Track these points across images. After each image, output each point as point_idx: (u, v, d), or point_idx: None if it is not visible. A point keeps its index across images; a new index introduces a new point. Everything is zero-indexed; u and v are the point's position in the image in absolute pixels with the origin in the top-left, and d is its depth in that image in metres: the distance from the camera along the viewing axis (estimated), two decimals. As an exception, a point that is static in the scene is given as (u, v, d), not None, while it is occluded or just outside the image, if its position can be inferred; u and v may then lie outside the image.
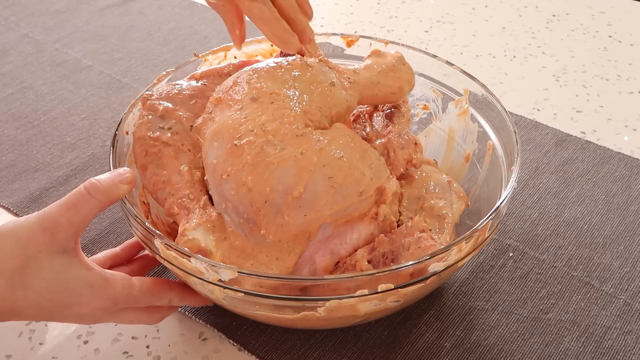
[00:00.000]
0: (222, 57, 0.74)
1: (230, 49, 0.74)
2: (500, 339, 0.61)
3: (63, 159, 0.81)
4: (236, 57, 0.74)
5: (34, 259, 0.51)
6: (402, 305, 0.57)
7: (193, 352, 0.60)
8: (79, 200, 0.53)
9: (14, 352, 0.60)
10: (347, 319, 0.56)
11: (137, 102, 0.66)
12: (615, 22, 1.08)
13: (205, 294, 0.56)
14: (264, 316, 0.56)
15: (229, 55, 0.74)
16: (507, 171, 0.62)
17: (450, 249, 0.53)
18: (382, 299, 0.53)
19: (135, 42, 1.03)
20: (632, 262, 0.68)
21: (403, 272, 0.51)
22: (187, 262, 0.52)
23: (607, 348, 0.60)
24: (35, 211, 0.73)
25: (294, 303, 0.53)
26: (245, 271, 0.52)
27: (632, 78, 0.95)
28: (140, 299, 0.56)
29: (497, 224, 0.58)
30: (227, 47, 0.74)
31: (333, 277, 0.54)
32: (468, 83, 0.69)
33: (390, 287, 0.51)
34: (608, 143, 0.83)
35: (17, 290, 0.51)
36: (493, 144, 0.66)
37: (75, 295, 0.53)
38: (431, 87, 0.72)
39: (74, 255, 0.53)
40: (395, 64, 0.65)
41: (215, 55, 0.73)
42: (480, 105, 0.69)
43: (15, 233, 0.52)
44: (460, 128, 0.71)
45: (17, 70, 0.96)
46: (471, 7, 1.12)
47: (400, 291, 0.52)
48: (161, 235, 0.53)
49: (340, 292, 0.52)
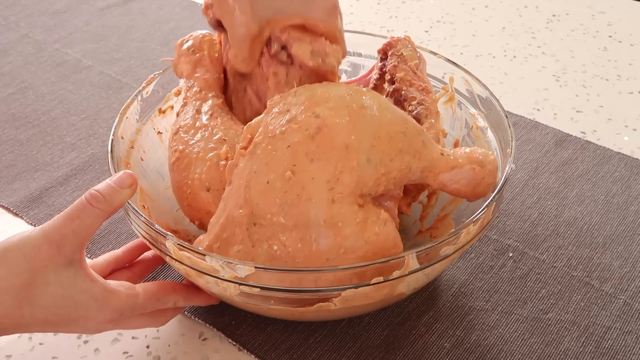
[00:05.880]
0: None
1: None
2: (500, 339, 0.61)
3: (63, 159, 0.81)
4: None
5: (40, 274, 0.51)
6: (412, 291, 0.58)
7: (193, 352, 0.60)
8: (82, 211, 0.52)
9: (14, 352, 0.60)
10: (359, 308, 0.57)
11: (130, 105, 0.66)
12: (615, 22, 1.08)
13: (216, 292, 0.56)
14: (276, 310, 0.56)
15: None
16: (501, 155, 0.63)
17: (460, 232, 0.53)
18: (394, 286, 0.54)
19: (135, 42, 1.03)
20: (632, 262, 0.68)
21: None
22: (201, 262, 0.52)
23: (607, 348, 0.60)
24: (35, 211, 0.74)
25: (311, 295, 0.53)
26: (262, 266, 0.52)
27: (632, 78, 0.95)
28: (145, 305, 0.56)
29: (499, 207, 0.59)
30: None
31: (348, 267, 0.53)
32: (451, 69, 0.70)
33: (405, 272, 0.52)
34: (608, 143, 0.83)
35: (23, 306, 0.51)
36: (481, 127, 0.67)
37: (81, 308, 0.52)
38: None
39: (80, 267, 0.52)
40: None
41: None
42: (462, 88, 0.70)
43: (21, 248, 0.51)
44: (448, 116, 0.71)
45: (17, 70, 0.96)
46: (471, 7, 1.12)
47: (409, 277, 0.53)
48: (173, 237, 0.53)
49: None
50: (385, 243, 0.54)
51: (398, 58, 0.67)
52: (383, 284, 0.53)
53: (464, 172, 0.57)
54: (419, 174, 0.56)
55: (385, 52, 0.68)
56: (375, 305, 0.57)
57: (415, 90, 0.64)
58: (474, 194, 0.59)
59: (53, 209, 0.74)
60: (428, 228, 0.68)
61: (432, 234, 0.67)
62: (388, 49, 0.68)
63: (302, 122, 0.53)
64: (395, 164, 0.54)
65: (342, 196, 0.52)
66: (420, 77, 0.66)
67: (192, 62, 0.66)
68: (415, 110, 0.63)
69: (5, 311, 0.51)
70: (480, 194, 0.59)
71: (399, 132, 0.55)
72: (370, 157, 0.53)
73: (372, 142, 0.53)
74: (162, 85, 0.70)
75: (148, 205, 0.64)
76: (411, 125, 0.56)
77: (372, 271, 0.52)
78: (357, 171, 0.52)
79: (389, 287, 0.54)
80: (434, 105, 0.65)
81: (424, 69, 0.68)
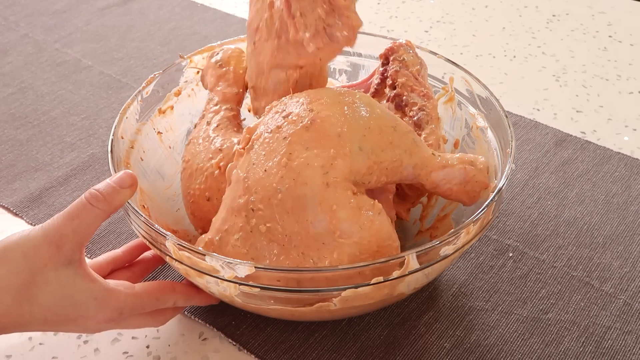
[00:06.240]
0: (208, 57, 0.74)
1: (215, 48, 0.74)
2: (500, 339, 0.61)
3: (63, 159, 0.81)
4: None
5: (40, 273, 0.51)
6: (412, 291, 0.59)
7: (193, 352, 0.60)
8: (81, 211, 0.52)
9: (14, 352, 0.60)
10: (358, 308, 0.57)
11: (130, 105, 0.66)
12: (615, 22, 1.08)
13: (216, 292, 0.56)
14: (276, 310, 0.56)
15: None
16: (501, 155, 0.63)
17: (460, 232, 0.54)
18: (394, 286, 0.54)
19: (135, 42, 1.03)
20: (632, 262, 0.68)
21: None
22: (201, 262, 0.52)
23: (607, 348, 0.60)
24: (35, 211, 0.74)
25: (311, 295, 0.54)
26: (262, 266, 0.52)
27: (632, 78, 0.95)
28: (145, 305, 0.56)
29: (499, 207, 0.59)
30: (211, 47, 0.73)
31: (348, 267, 0.53)
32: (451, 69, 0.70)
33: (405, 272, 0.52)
34: (608, 143, 0.83)
35: (23, 305, 0.51)
36: (481, 127, 0.67)
37: (80, 308, 0.52)
38: None
39: (79, 267, 0.52)
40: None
41: (201, 55, 0.73)
42: (462, 88, 0.70)
43: (21, 247, 0.51)
44: (448, 116, 0.71)
45: (17, 70, 0.96)
46: (471, 7, 1.12)
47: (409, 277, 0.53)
48: (173, 236, 0.53)
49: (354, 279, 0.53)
50: (379, 232, 0.55)
51: (400, 63, 0.67)
52: (383, 284, 0.53)
53: (456, 171, 0.59)
54: (411, 171, 0.58)
55: (387, 57, 0.69)
56: (375, 305, 0.57)
57: (416, 96, 0.66)
58: (466, 193, 0.60)
59: (53, 209, 0.74)
60: (428, 228, 0.68)
61: (432, 234, 0.67)
62: (390, 54, 0.68)
63: (297, 116, 0.56)
64: (387, 154, 0.57)
65: (336, 181, 0.54)
66: (422, 82, 0.68)
67: (216, 75, 0.69)
68: (416, 115, 0.65)
69: (4, 310, 0.51)
70: (473, 194, 0.60)
71: (389, 126, 0.58)
72: (361, 146, 0.56)
73: (363, 132, 0.56)
74: (162, 85, 0.70)
75: (148, 205, 0.64)
76: (401, 123, 0.59)
77: (372, 271, 0.52)
78: (349, 158, 0.55)
79: (389, 287, 0.54)
80: (435, 111, 0.67)
81: (425, 75, 0.69)
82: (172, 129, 0.72)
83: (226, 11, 1.09)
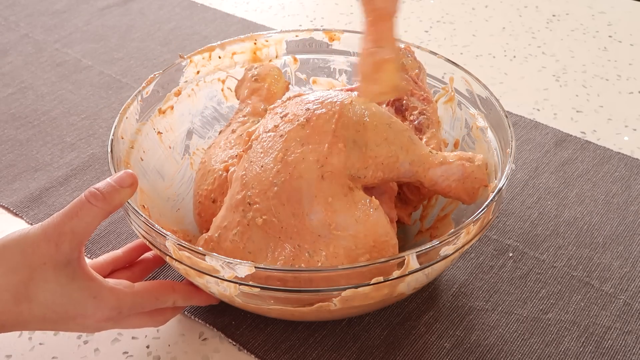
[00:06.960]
0: (207, 57, 0.73)
1: (215, 49, 0.74)
2: (500, 339, 0.61)
3: (63, 159, 0.81)
4: (220, 57, 0.74)
5: (39, 271, 0.51)
6: (412, 291, 0.59)
7: (193, 352, 0.60)
8: (81, 209, 0.52)
9: (14, 352, 0.60)
10: (358, 308, 0.57)
11: (130, 105, 0.66)
12: (615, 22, 1.08)
13: (216, 292, 0.56)
14: (276, 310, 0.57)
15: (214, 55, 0.74)
16: (501, 155, 0.63)
17: (460, 232, 0.54)
18: (394, 286, 0.54)
19: (135, 42, 1.03)
20: (632, 262, 0.68)
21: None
22: (201, 262, 0.52)
23: (607, 348, 0.60)
24: (35, 211, 0.74)
25: (310, 295, 0.54)
26: (262, 266, 0.52)
27: (632, 78, 0.95)
28: (144, 305, 0.55)
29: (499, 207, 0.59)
30: (211, 47, 0.74)
31: (348, 267, 0.53)
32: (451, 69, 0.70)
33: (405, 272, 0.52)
34: (608, 143, 0.83)
35: (22, 303, 0.51)
36: (481, 127, 0.67)
37: (79, 306, 0.52)
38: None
39: (78, 265, 0.52)
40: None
41: (201, 55, 0.73)
42: (462, 88, 0.70)
43: (20, 245, 0.51)
44: (448, 116, 0.71)
45: (17, 70, 0.96)
46: (471, 7, 1.12)
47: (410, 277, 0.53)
48: (173, 236, 0.53)
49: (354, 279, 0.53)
50: (375, 227, 0.55)
51: None
52: (383, 284, 0.53)
53: (454, 168, 0.60)
54: (408, 167, 0.59)
55: None
56: (375, 305, 0.57)
57: (416, 100, 0.67)
58: (465, 190, 0.60)
59: (53, 209, 0.74)
60: (428, 228, 0.68)
61: (432, 234, 0.67)
62: None
63: (293, 115, 0.58)
64: (382, 149, 0.58)
65: (332, 174, 0.55)
66: (421, 86, 0.69)
67: (251, 88, 0.71)
68: (417, 120, 0.66)
69: (3, 308, 0.51)
70: (472, 191, 0.60)
71: (383, 123, 0.59)
72: (356, 140, 0.57)
73: (357, 127, 0.58)
74: (162, 85, 0.70)
75: (148, 205, 0.64)
76: (396, 121, 0.60)
77: (372, 271, 0.52)
78: (344, 152, 0.56)
79: (389, 287, 0.54)
80: (436, 115, 0.68)
81: (424, 79, 0.70)
82: (172, 129, 0.72)
83: (226, 11, 1.09)
